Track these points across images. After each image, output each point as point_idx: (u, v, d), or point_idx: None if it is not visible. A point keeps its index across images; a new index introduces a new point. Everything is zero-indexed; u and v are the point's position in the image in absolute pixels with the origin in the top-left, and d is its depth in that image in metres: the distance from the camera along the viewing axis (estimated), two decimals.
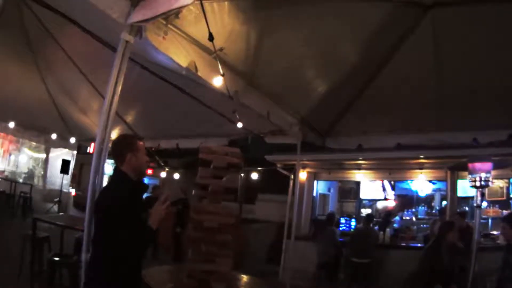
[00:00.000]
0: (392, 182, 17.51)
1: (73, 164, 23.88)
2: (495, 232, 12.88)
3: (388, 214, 15.89)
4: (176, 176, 19.72)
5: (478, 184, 9.39)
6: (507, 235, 7.36)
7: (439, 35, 7.09)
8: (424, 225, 15.18)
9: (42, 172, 25.46)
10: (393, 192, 17.62)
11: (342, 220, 16.28)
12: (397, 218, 16.44)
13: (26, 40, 9.32)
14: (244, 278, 6.54)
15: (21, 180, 24.68)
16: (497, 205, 14.18)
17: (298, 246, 12.61)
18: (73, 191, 24.98)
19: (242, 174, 20.30)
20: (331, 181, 19.01)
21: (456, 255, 8.73)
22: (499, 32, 6.69)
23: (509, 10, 6.19)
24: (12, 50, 9.71)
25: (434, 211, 16.54)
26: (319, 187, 18.80)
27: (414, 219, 16.38)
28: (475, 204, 10.02)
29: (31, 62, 10.23)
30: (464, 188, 14.12)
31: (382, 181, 17.40)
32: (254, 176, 18.65)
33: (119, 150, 4.10)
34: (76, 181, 26.65)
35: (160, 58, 6.42)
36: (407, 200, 17.56)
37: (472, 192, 11.21)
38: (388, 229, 14.90)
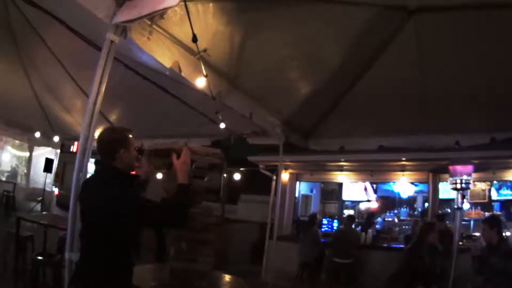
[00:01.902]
0: (375, 184, 17.61)
1: (57, 163, 23.74)
2: (477, 234, 13.01)
3: (371, 215, 16.01)
4: (159, 176, 19.74)
5: (458, 186, 9.50)
6: (487, 237, 7.46)
7: (423, 39, 7.13)
8: (406, 227, 15.30)
9: (25, 171, 25.28)
10: (375, 194, 17.72)
11: (324, 221, 16.38)
12: (379, 219, 16.54)
13: (12, 38, 9.29)
14: (226, 277, 6.58)
15: (4, 179, 24.53)
16: (479, 207, 14.36)
17: (280, 246, 12.68)
18: (56, 190, 24.88)
19: (225, 175, 20.34)
20: (314, 182, 19.12)
21: (436, 256, 8.81)
22: (482, 37, 6.75)
23: (492, 16, 6.27)
24: None
25: (416, 212, 16.67)
26: (302, 188, 18.93)
27: (396, 220, 16.49)
28: (455, 206, 10.13)
29: (16, 60, 10.19)
30: (446, 190, 14.22)
31: (365, 182, 17.49)
32: (237, 176, 18.71)
33: (111, 146, 3.93)
34: (59, 180, 26.53)
35: (145, 58, 6.47)
36: (389, 202, 17.65)
37: (453, 194, 11.31)
38: (370, 230, 14.99)
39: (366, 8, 6.63)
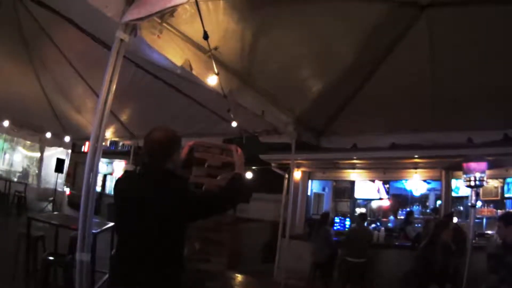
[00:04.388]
0: (387, 184, 17.59)
1: (68, 163, 23.82)
2: (489, 232, 12.91)
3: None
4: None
5: (472, 183, 9.44)
6: (502, 234, 7.35)
7: (435, 35, 7.06)
8: (418, 225, 15.24)
9: (37, 171, 25.39)
10: (387, 194, 17.71)
11: (337, 220, 16.38)
12: (391, 217, 16.50)
13: (21, 38, 9.26)
14: (239, 277, 6.55)
15: (15, 179, 24.62)
16: (491, 205, 14.26)
17: (292, 245, 12.64)
18: (67, 190, 24.98)
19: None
20: (326, 181, 19.14)
21: (450, 254, 8.74)
22: (494, 33, 6.68)
23: (504, 11, 6.19)
24: (7, 48, 9.66)
25: (428, 210, 16.62)
26: (314, 186, 18.95)
27: None
28: (469, 204, 10.07)
29: (26, 61, 10.16)
30: (459, 187, 14.16)
31: (377, 180, 17.47)
32: (249, 175, 18.68)
33: (168, 148, 3.99)
34: (70, 180, 26.63)
35: (155, 57, 6.41)
36: (401, 200, 17.61)
37: (466, 192, 11.23)
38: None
39: (378, 4, 6.57)
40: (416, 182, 16.34)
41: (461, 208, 15.22)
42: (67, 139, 15.99)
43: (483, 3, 6.17)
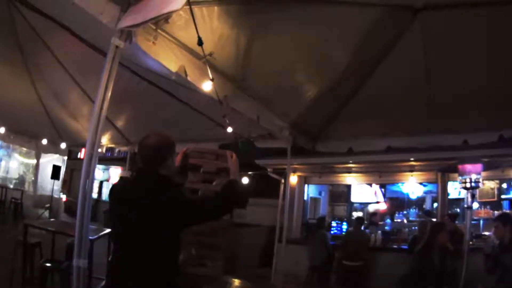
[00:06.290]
0: (383, 187, 17.61)
1: (64, 169, 23.77)
2: (486, 233, 12.91)
3: (373, 215, 15.99)
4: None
5: (468, 185, 9.44)
6: (500, 234, 7.36)
7: (429, 38, 7.07)
8: (415, 228, 15.25)
9: (33, 178, 25.32)
10: (383, 197, 17.73)
11: (334, 224, 16.36)
12: (388, 220, 16.51)
13: (17, 44, 9.26)
14: (236, 282, 6.54)
15: (11, 186, 24.56)
16: (488, 206, 14.26)
17: (289, 249, 12.61)
18: (64, 197, 24.92)
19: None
20: (322, 185, 19.12)
21: (447, 256, 8.74)
22: (488, 35, 6.69)
23: (499, 14, 6.21)
24: (2, 55, 9.66)
25: (425, 213, 16.61)
26: (310, 191, 18.93)
27: (405, 221, 16.45)
28: (465, 206, 10.07)
29: (21, 67, 10.15)
30: (455, 189, 14.17)
31: (373, 184, 17.48)
32: (245, 180, 18.67)
33: (161, 153, 3.95)
34: (67, 187, 26.57)
35: (150, 63, 6.44)
36: (398, 203, 17.62)
37: (463, 194, 11.24)
38: (378, 231, 15.01)
39: (371, 8, 6.59)
40: (412, 185, 16.39)
41: (458, 210, 15.24)
42: (63, 145, 16.04)
43: (476, 5, 6.20)
